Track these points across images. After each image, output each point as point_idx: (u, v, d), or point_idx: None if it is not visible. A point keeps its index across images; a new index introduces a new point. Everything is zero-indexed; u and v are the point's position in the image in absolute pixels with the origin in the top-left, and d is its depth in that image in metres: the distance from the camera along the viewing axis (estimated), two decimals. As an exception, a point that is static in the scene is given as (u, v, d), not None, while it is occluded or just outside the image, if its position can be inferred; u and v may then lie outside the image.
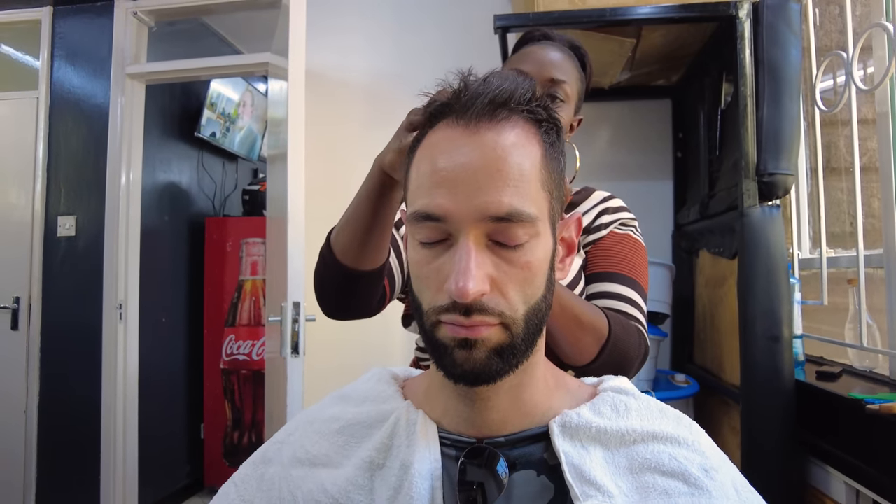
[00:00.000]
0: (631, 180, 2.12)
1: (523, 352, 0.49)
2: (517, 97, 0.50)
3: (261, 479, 0.58)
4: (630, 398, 0.55)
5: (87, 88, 2.53)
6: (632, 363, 0.81)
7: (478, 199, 0.46)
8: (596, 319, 0.77)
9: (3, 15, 2.62)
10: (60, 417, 2.48)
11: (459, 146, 0.48)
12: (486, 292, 0.46)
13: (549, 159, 0.50)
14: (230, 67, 2.63)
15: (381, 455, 0.54)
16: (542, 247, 0.49)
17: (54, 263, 2.50)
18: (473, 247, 0.46)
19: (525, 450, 0.53)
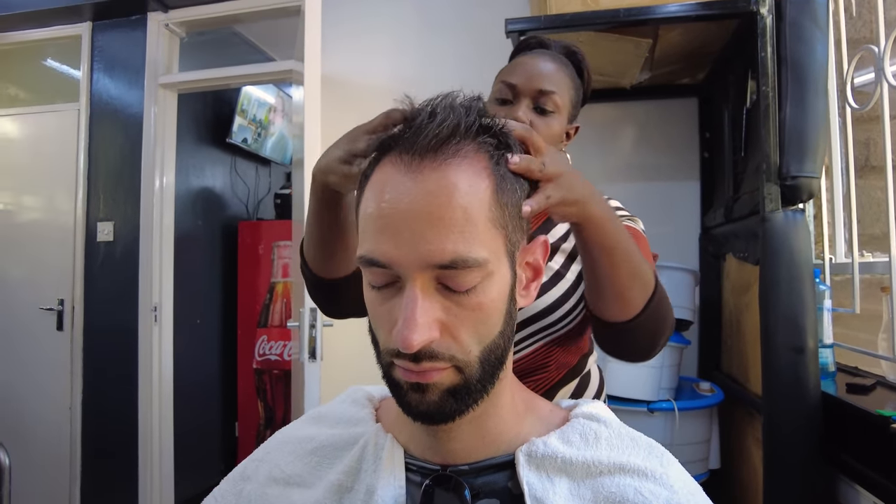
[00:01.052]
0: (657, 181, 2.07)
1: (480, 390, 0.49)
2: (462, 130, 0.47)
3: (238, 496, 0.60)
4: (601, 426, 0.54)
5: (123, 98, 2.63)
6: (666, 332, 0.74)
7: (421, 248, 0.44)
8: (646, 270, 0.69)
9: (47, 31, 2.75)
10: (101, 414, 2.60)
11: (402, 190, 0.45)
12: (433, 339, 0.45)
13: (501, 192, 0.48)
14: (257, 75, 2.68)
15: (349, 479, 0.55)
16: (496, 285, 0.47)
17: (94, 267, 2.62)
18: (420, 294, 0.45)
19: (489, 478, 0.52)
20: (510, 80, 0.89)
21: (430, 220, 0.44)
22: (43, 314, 2.68)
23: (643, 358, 0.77)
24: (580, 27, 1.46)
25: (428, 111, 0.48)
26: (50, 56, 2.93)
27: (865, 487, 1.16)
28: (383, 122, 0.57)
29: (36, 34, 2.78)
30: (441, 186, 0.45)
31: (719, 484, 1.77)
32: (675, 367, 1.66)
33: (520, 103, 0.88)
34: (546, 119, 0.88)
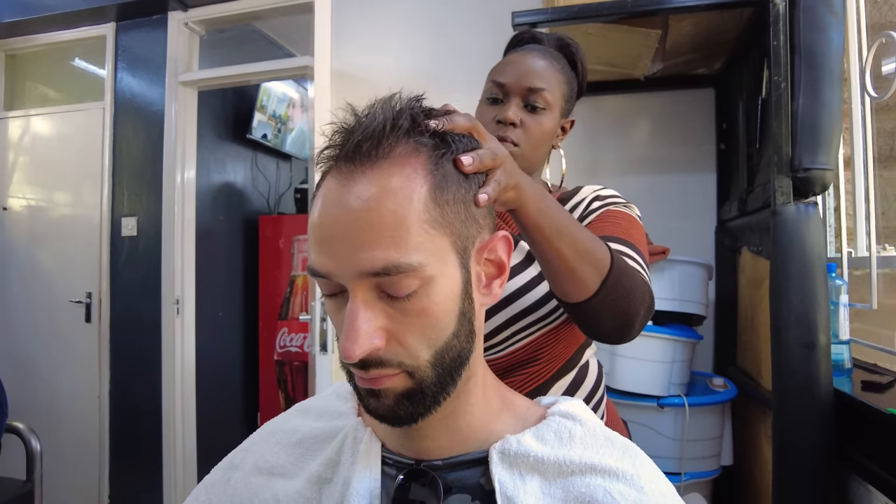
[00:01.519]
0: (672, 173, 2.03)
1: (437, 393, 0.49)
2: (390, 133, 0.46)
3: (227, 484, 0.62)
4: (576, 425, 0.54)
5: (146, 96, 2.69)
6: (636, 309, 0.72)
7: (353, 257, 0.44)
8: (597, 248, 0.68)
9: (74, 32, 2.83)
10: (127, 403, 2.68)
11: (335, 199, 0.46)
12: (377, 348, 0.46)
13: (441, 191, 0.47)
14: (275, 72, 2.72)
15: (328, 470, 0.57)
16: (442, 288, 0.47)
17: (119, 261, 2.70)
18: (361, 304, 0.45)
19: (462, 474, 0.53)
20: (499, 80, 0.89)
21: (359, 227, 0.44)
22: (72, 306, 2.78)
23: (622, 338, 0.75)
24: (588, 19, 1.45)
25: (360, 118, 0.48)
26: (77, 56, 3.01)
27: (878, 488, 1.13)
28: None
29: (64, 35, 2.86)
30: (370, 192, 0.44)
31: (732, 481, 1.75)
32: (686, 363, 1.63)
33: (510, 102, 0.88)
34: (537, 116, 0.88)
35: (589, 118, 2.10)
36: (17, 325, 2.90)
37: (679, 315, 1.67)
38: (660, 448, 1.60)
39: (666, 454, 1.60)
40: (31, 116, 2.95)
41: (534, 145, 0.89)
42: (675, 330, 1.61)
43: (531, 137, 0.88)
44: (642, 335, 1.60)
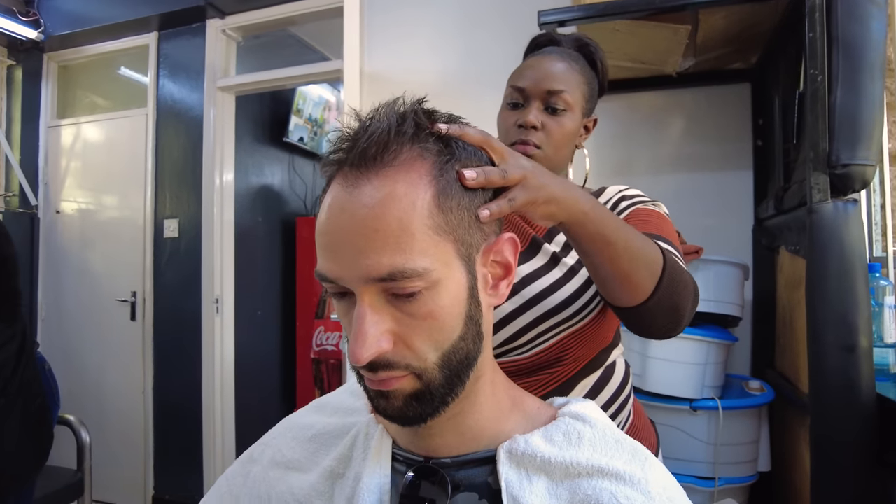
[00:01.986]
0: (707, 171, 1.98)
1: (446, 394, 0.49)
2: (394, 138, 0.47)
3: (246, 477, 0.64)
4: (585, 426, 0.54)
5: (186, 102, 2.79)
6: (686, 305, 0.71)
7: (360, 262, 0.45)
8: (650, 249, 0.67)
9: (119, 42, 2.96)
10: (170, 398, 2.79)
11: (340, 205, 0.46)
12: (385, 351, 0.46)
13: (445, 198, 0.47)
14: (309, 76, 2.77)
15: (341, 465, 0.58)
16: (448, 291, 0.47)
17: (162, 262, 2.80)
18: (368, 308, 0.46)
19: (470, 472, 0.53)
20: (518, 84, 0.90)
21: (365, 234, 0.44)
22: (119, 305, 2.90)
23: (670, 334, 0.74)
24: (615, 16, 1.43)
25: (364, 124, 0.48)
26: (123, 65, 3.14)
27: (922, 497, 1.08)
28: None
29: (110, 46, 3.00)
30: (375, 198, 0.45)
31: (770, 487, 1.70)
32: (720, 365, 1.59)
33: (530, 106, 0.89)
34: (558, 118, 0.89)
35: (621, 116, 2.07)
36: (69, 322, 3.04)
37: (713, 316, 1.63)
38: (693, 452, 1.57)
39: (699, 458, 1.56)
40: (81, 124, 3.09)
41: (556, 147, 0.89)
42: (708, 331, 1.57)
43: (553, 139, 0.89)
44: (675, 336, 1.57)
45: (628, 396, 0.95)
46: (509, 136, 0.91)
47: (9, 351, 1.39)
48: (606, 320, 0.91)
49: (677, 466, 1.58)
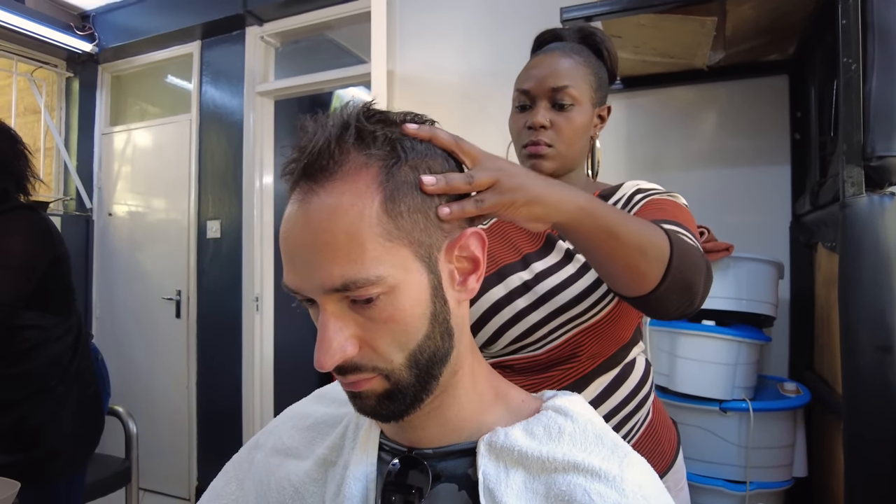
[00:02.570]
0: (742, 166, 1.92)
1: (419, 391, 0.50)
2: (341, 147, 0.46)
3: (251, 463, 0.67)
4: (567, 420, 0.53)
5: (227, 107, 2.89)
6: (697, 284, 0.69)
7: (314, 275, 0.46)
8: (654, 236, 0.65)
9: (166, 52, 3.10)
10: (213, 392, 2.90)
11: (293, 219, 0.47)
12: (350, 355, 0.48)
13: (394, 202, 0.47)
14: (344, 79, 2.82)
15: (333, 454, 0.60)
16: (407, 294, 0.47)
17: (205, 261, 2.92)
18: (330, 315, 0.47)
19: (451, 463, 0.54)
20: (523, 87, 0.91)
21: (315, 247, 0.45)
22: (165, 303, 3.04)
23: (687, 312, 0.72)
24: (639, 10, 1.41)
25: (309, 136, 0.48)
26: (170, 73, 3.28)
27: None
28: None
29: (158, 55, 3.14)
30: (323, 211, 0.45)
31: (807, 493, 1.63)
32: (752, 365, 1.55)
33: (537, 106, 0.89)
34: (566, 114, 0.89)
35: (651, 111, 2.03)
36: (120, 319, 3.20)
37: (746, 315, 1.58)
38: (723, 454, 1.53)
39: (729, 461, 1.52)
40: (132, 130, 3.25)
41: (568, 143, 0.89)
42: (739, 331, 1.52)
43: (564, 136, 0.89)
44: (704, 335, 1.54)
45: (647, 395, 0.93)
46: (521, 138, 0.92)
47: (66, 342, 1.48)
48: (623, 317, 0.90)
49: (707, 469, 1.54)
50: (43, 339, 1.42)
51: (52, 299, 1.44)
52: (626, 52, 1.71)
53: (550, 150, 0.89)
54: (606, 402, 0.88)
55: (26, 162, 1.45)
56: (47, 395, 1.42)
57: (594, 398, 0.87)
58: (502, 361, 0.92)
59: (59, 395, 1.44)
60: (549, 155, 0.89)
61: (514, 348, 0.89)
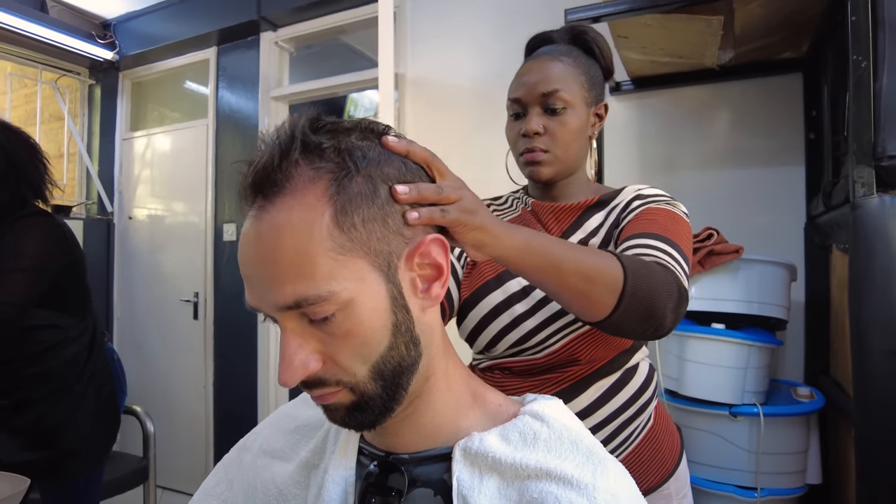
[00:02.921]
0: (755, 167, 1.89)
1: (387, 401, 0.50)
2: (286, 162, 0.45)
3: (240, 464, 0.68)
4: (542, 426, 0.53)
5: (243, 112, 2.94)
6: (662, 308, 0.68)
7: (268, 294, 0.45)
8: (605, 264, 0.66)
9: (184, 58, 3.16)
10: (229, 392, 2.94)
11: (246, 238, 0.46)
12: (313, 371, 0.47)
13: (346, 215, 0.45)
14: (359, 82, 2.85)
15: (315, 457, 0.60)
16: (364, 307, 0.46)
17: (221, 264, 2.96)
18: (290, 333, 0.47)
19: (427, 468, 0.54)
20: (514, 97, 0.92)
21: (266, 265, 0.45)
22: (183, 305, 3.09)
23: (654, 336, 0.73)
24: (644, 10, 1.40)
25: (254, 153, 0.47)
26: (188, 79, 3.35)
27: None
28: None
29: (176, 62, 3.20)
30: (271, 228, 0.44)
31: (823, 501, 1.60)
32: (763, 369, 1.52)
33: (530, 114, 0.90)
34: (559, 118, 0.89)
35: (664, 111, 2.01)
36: (140, 320, 3.27)
37: (758, 318, 1.56)
38: (733, 460, 1.50)
39: (740, 467, 1.49)
40: (151, 135, 3.32)
41: (565, 146, 0.90)
42: (749, 334, 1.50)
43: (559, 140, 0.89)
44: (713, 339, 1.51)
45: (648, 401, 0.92)
46: (517, 147, 0.93)
47: (81, 343, 1.52)
48: None
49: (717, 474, 1.52)
50: (60, 340, 1.46)
51: (68, 301, 1.48)
52: (635, 53, 1.69)
53: (547, 155, 0.90)
54: (605, 406, 0.87)
55: (44, 170, 1.49)
56: (65, 394, 1.46)
57: (592, 402, 0.87)
58: (501, 363, 0.93)
59: (76, 394, 1.48)
60: (546, 161, 0.90)
61: (514, 351, 0.89)
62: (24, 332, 1.40)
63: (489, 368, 0.95)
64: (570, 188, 0.96)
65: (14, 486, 0.96)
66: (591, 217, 0.92)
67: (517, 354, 0.90)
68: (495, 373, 0.93)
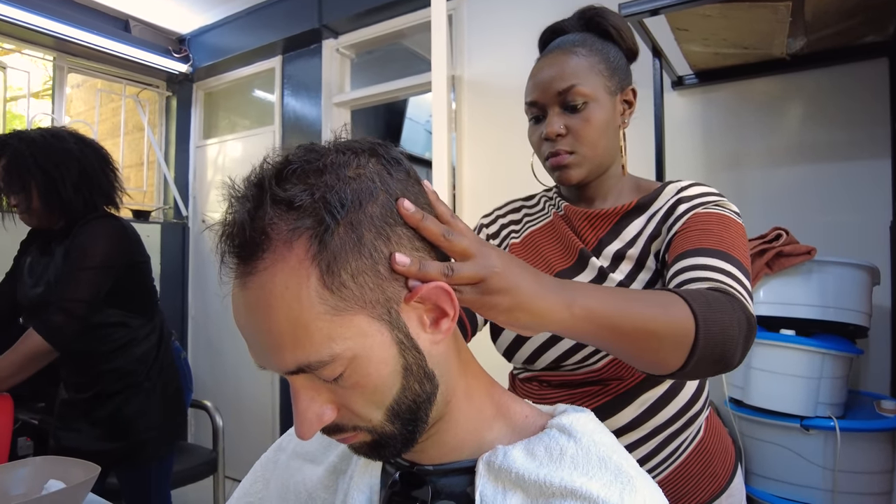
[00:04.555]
0: (833, 161, 1.76)
1: (406, 437, 0.49)
2: (256, 227, 0.42)
3: (276, 463, 0.69)
4: (570, 441, 0.50)
5: (307, 118, 3.03)
6: (733, 349, 0.61)
7: (269, 360, 0.44)
8: (668, 316, 0.57)
9: (252, 67, 3.30)
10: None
11: (237, 305, 0.45)
12: (326, 422, 0.47)
13: (331, 275, 0.42)
14: (418, 86, 2.86)
15: (343, 462, 0.61)
16: (370, 359, 0.44)
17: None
18: (299, 389, 0.46)
19: (451, 480, 0.53)
20: (530, 100, 0.87)
21: (260, 335, 0.43)
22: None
23: (722, 372, 0.64)
24: (702, 0, 1.33)
25: (225, 213, 0.45)
26: (255, 87, 3.49)
27: None
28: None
29: (245, 71, 3.35)
30: (258, 300, 0.42)
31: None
32: (840, 380, 1.41)
33: (549, 115, 0.85)
34: (581, 114, 0.83)
35: (729, 106, 1.91)
36: (212, 318, 3.44)
37: (833, 325, 1.44)
38: (806, 476, 1.40)
39: (813, 484, 1.39)
40: (223, 142, 3.49)
41: (591, 144, 0.84)
42: (823, 341, 1.39)
43: (584, 138, 0.83)
44: (782, 346, 1.42)
45: (698, 413, 0.86)
46: (541, 152, 0.88)
47: (150, 341, 1.62)
48: None
49: (786, 490, 1.42)
50: (130, 339, 1.56)
51: (133, 299, 1.58)
52: (697, 45, 1.61)
53: (573, 157, 0.84)
54: (651, 420, 0.82)
55: (115, 178, 1.60)
56: (136, 390, 1.57)
57: (639, 414, 0.82)
58: (539, 376, 0.89)
59: (146, 390, 1.58)
60: (573, 163, 0.84)
61: (554, 368, 0.85)
62: (96, 329, 1.51)
63: (528, 379, 0.91)
64: (605, 187, 0.90)
65: (86, 472, 1.03)
66: (629, 224, 0.86)
67: (557, 369, 0.86)
68: (533, 384, 0.90)
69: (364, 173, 0.45)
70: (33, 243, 1.62)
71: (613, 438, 0.54)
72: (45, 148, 1.47)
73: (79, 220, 1.50)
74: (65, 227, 1.52)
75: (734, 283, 0.67)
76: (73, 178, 1.49)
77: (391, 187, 0.46)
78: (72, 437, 1.53)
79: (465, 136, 2.50)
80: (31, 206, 1.48)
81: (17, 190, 1.46)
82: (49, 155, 1.46)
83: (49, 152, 1.47)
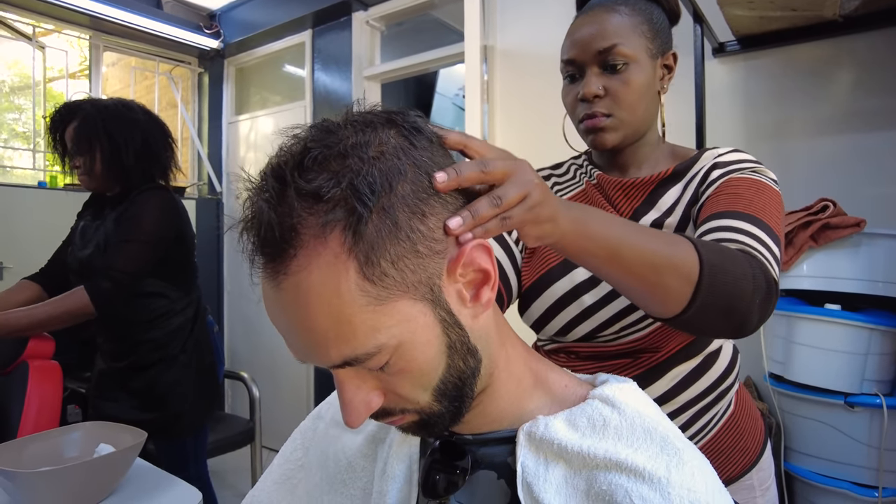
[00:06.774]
0: (883, 129, 1.67)
1: (453, 414, 0.49)
2: (285, 222, 0.39)
3: (315, 432, 0.70)
4: (613, 412, 0.49)
5: (337, 92, 3.02)
6: (747, 302, 0.59)
7: (311, 357, 0.43)
8: (677, 251, 0.57)
9: (282, 42, 3.30)
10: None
11: (270, 303, 0.43)
12: (374, 408, 0.46)
13: (371, 266, 0.40)
14: (449, 57, 2.80)
15: (382, 431, 0.62)
16: (415, 344, 0.43)
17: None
18: (344, 378, 0.45)
19: (491, 450, 0.53)
20: (567, 57, 0.83)
21: (301, 334, 0.42)
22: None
23: (739, 334, 0.63)
24: (751, -42, 1.26)
25: (247, 211, 0.42)
26: (286, 62, 3.49)
27: None
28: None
29: (275, 46, 3.34)
30: (296, 298, 0.40)
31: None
32: (888, 356, 1.37)
33: (588, 75, 0.81)
34: (620, 76, 0.79)
35: (772, 73, 1.83)
36: (247, 292, 3.51)
37: (883, 300, 1.39)
38: (850, 454, 1.37)
39: (858, 462, 1.36)
40: (255, 118, 3.51)
41: (630, 107, 0.80)
42: (871, 317, 1.35)
43: (622, 101, 0.80)
44: (827, 321, 1.39)
45: (730, 387, 0.85)
46: (575, 113, 0.84)
47: (187, 315, 1.66)
48: None
49: (830, 468, 1.40)
50: (168, 310, 1.60)
51: (175, 272, 1.62)
52: (741, 10, 1.54)
53: (610, 120, 0.80)
54: (683, 393, 0.80)
55: (172, 153, 1.65)
56: (171, 362, 1.61)
57: (671, 388, 0.80)
58: (567, 347, 0.87)
59: (181, 363, 1.62)
60: (610, 126, 0.81)
61: (588, 338, 0.84)
62: (137, 298, 1.55)
63: (555, 350, 0.89)
64: (640, 154, 0.87)
65: (134, 437, 1.07)
66: (665, 192, 0.83)
67: (591, 340, 0.84)
68: (560, 356, 0.88)
69: (387, 150, 0.42)
70: (87, 211, 1.68)
71: (658, 409, 0.53)
72: (115, 115, 1.53)
73: (134, 189, 1.55)
74: (120, 193, 1.57)
75: (759, 246, 0.65)
76: (136, 147, 1.54)
77: (417, 159, 0.43)
78: (110, 406, 1.57)
79: (497, 107, 2.45)
80: (94, 169, 1.53)
81: (84, 151, 1.51)
82: (118, 122, 1.52)
83: (118, 120, 1.53)
